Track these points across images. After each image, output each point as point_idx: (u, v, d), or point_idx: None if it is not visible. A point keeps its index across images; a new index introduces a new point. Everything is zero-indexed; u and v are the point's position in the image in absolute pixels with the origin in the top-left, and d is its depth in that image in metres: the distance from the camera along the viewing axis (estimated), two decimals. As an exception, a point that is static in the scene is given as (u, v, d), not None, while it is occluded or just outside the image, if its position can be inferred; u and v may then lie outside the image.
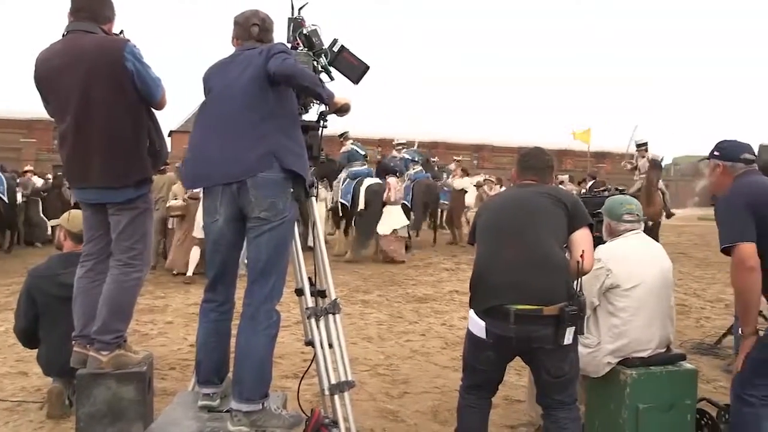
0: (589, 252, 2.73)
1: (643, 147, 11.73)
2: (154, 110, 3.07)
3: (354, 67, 2.94)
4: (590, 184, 11.51)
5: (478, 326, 2.69)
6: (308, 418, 2.78)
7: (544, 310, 2.55)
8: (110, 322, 2.94)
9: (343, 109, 2.78)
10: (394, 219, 9.90)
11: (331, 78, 2.98)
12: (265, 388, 2.62)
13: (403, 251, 10.16)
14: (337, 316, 2.94)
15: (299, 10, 2.97)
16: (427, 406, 3.94)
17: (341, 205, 10.18)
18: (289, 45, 2.90)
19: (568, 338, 2.58)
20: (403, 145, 12.87)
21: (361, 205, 9.89)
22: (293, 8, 2.97)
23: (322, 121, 2.98)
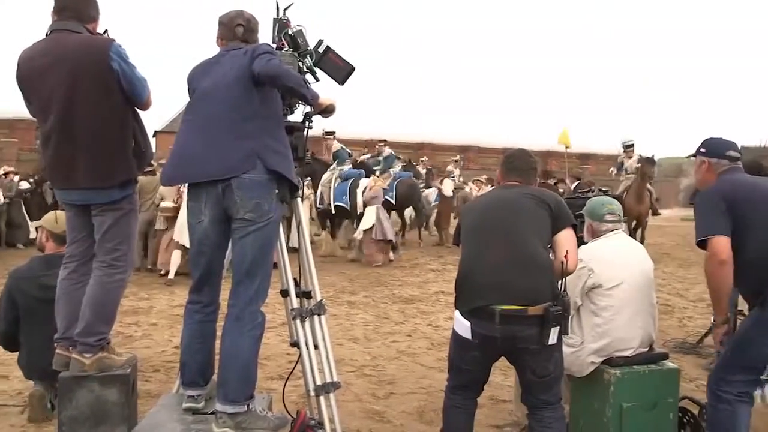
0: (573, 252, 2.75)
1: (630, 148, 11.84)
2: (140, 111, 3.05)
3: (339, 68, 2.94)
4: (575, 185, 11.57)
5: (464, 327, 2.70)
6: (294, 420, 2.78)
7: (529, 310, 2.57)
8: (93, 324, 2.91)
9: (328, 110, 2.78)
10: (366, 220, 9.72)
11: (316, 79, 2.98)
12: (251, 390, 2.61)
13: (381, 255, 9.81)
14: (323, 317, 2.93)
15: (284, 10, 2.96)
16: (413, 407, 3.95)
17: (336, 207, 10.09)
18: (274, 45, 2.89)
19: (553, 338, 2.60)
20: (386, 143, 12.78)
21: (360, 208, 9.96)
22: (278, 9, 2.97)
23: (307, 122, 2.97)
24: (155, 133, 24.09)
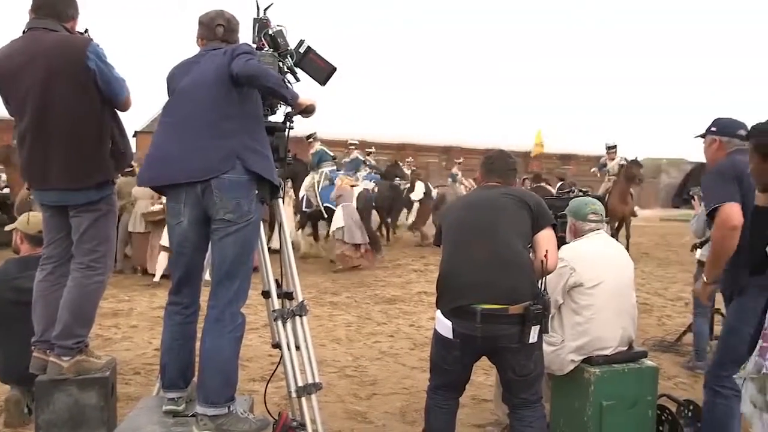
0: (553, 252, 2.78)
1: (613, 150, 11.95)
2: (119, 111, 3.01)
3: (320, 68, 2.93)
4: (558, 185, 11.68)
5: (445, 326, 2.71)
6: (275, 422, 2.76)
7: (510, 309, 2.59)
8: (71, 326, 2.87)
9: (308, 110, 2.77)
10: (335, 221, 9.44)
11: (297, 79, 2.97)
12: (231, 392, 2.59)
13: (355, 258, 9.33)
14: (304, 318, 2.93)
15: (264, 10, 2.95)
16: (396, 407, 3.95)
17: (326, 209, 9.92)
18: (254, 45, 2.88)
19: (533, 337, 2.62)
20: (356, 146, 12.34)
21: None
22: (258, 9, 2.95)
23: (288, 123, 2.96)
24: (135, 134, 23.83)
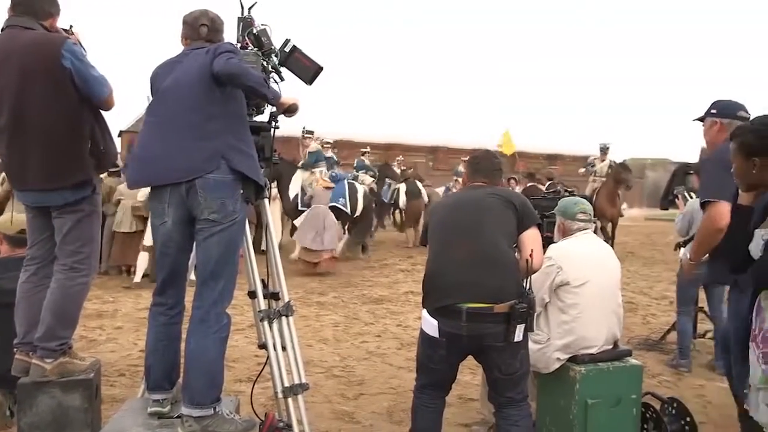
0: (538, 251, 2.80)
1: (605, 151, 11.99)
2: (102, 110, 2.98)
3: (306, 67, 2.92)
4: (547, 185, 11.75)
5: (431, 325, 2.72)
6: (262, 422, 2.76)
7: (495, 307, 2.60)
8: (54, 328, 2.84)
9: (290, 110, 2.76)
10: (298, 223, 9.17)
11: (282, 78, 2.95)
12: (217, 393, 2.58)
13: (311, 263, 8.83)
14: (291, 319, 2.92)
15: (249, 9, 2.94)
16: (383, 407, 3.95)
17: (331, 209, 9.71)
18: (239, 45, 2.87)
19: (519, 335, 2.64)
20: (331, 145, 11.70)
21: (358, 210, 9.97)
22: (243, 8, 2.94)
23: (273, 122, 2.95)
24: (120, 133, 23.62)
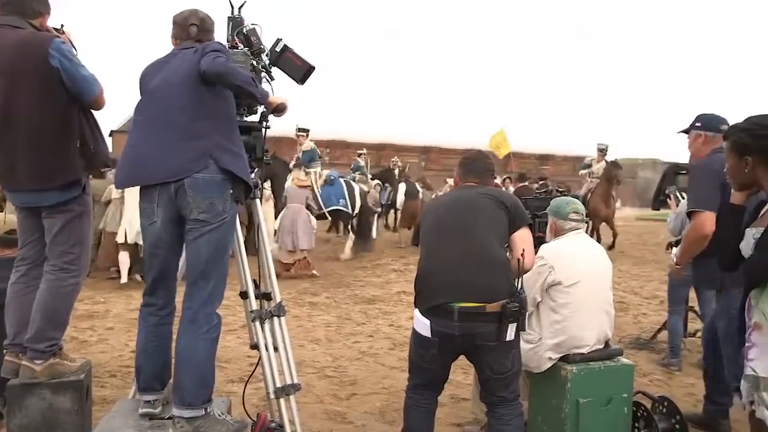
0: (530, 251, 2.81)
1: (602, 152, 11.97)
2: (93, 110, 2.97)
3: (298, 67, 2.92)
4: (539, 183, 11.79)
5: (423, 325, 2.72)
6: (254, 423, 2.75)
7: (487, 307, 2.60)
8: (44, 329, 2.82)
9: (279, 109, 2.76)
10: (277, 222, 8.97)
11: (271, 77, 2.95)
12: (208, 393, 2.57)
13: (284, 264, 8.53)
14: (282, 319, 2.91)
15: (239, 9, 2.94)
16: (375, 407, 3.95)
17: (331, 212, 9.78)
18: (228, 44, 2.86)
19: (510, 334, 2.64)
20: (307, 134, 10.67)
21: (357, 208, 10.00)
22: (233, 7, 2.94)
23: (264, 122, 2.95)
24: (111, 133, 23.51)
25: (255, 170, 2.93)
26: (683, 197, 5.42)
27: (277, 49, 2.91)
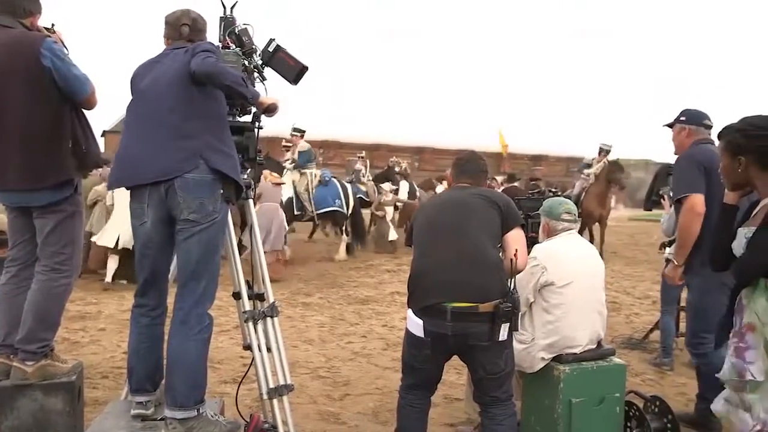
0: (523, 251, 2.82)
1: (603, 153, 11.83)
2: (85, 109, 2.95)
3: (291, 67, 2.91)
4: (530, 185, 11.75)
5: (416, 325, 2.72)
6: (247, 424, 2.75)
7: (480, 307, 2.61)
8: (36, 330, 2.81)
9: (270, 109, 2.75)
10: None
11: (263, 78, 2.95)
12: (200, 394, 2.57)
13: (271, 264, 8.39)
14: (275, 319, 2.91)
15: (231, 9, 2.93)
16: (369, 407, 3.96)
17: (326, 213, 9.76)
18: (220, 45, 2.86)
19: (503, 334, 2.65)
20: (287, 148, 10.71)
21: (350, 208, 10.03)
22: (225, 7, 2.93)
23: (257, 123, 2.94)
24: (103, 133, 23.40)
25: (248, 170, 2.93)
26: (675, 198, 5.46)
27: (270, 49, 2.90)
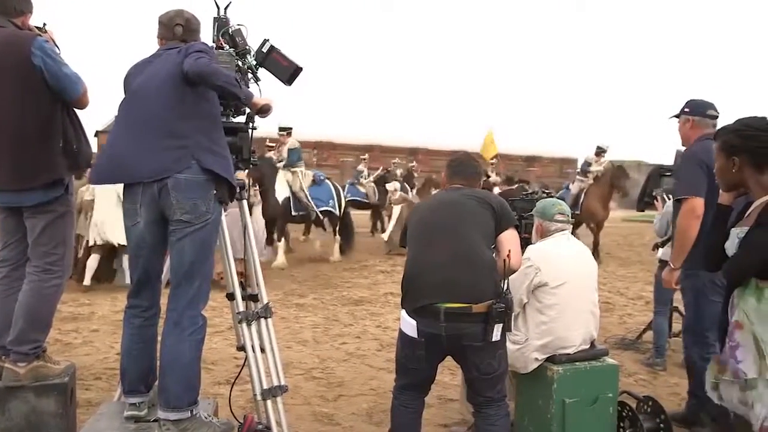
0: (516, 252, 2.82)
1: (602, 153, 11.80)
2: (77, 109, 2.94)
3: (285, 68, 2.91)
4: (516, 186, 11.75)
5: (410, 326, 2.72)
6: (240, 425, 2.74)
7: (473, 307, 2.61)
8: (27, 331, 2.80)
9: (263, 110, 2.75)
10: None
11: (257, 78, 2.94)
12: (193, 395, 2.56)
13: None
14: (269, 320, 2.90)
15: (224, 9, 2.93)
16: (362, 408, 3.95)
17: (322, 213, 9.76)
18: (214, 45, 2.85)
19: (497, 335, 2.65)
20: (272, 148, 10.69)
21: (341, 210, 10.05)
22: (218, 8, 2.93)
23: (251, 123, 2.94)
24: (96, 133, 23.29)
25: (244, 171, 2.92)
26: (669, 199, 5.49)
27: (264, 49, 2.90)
